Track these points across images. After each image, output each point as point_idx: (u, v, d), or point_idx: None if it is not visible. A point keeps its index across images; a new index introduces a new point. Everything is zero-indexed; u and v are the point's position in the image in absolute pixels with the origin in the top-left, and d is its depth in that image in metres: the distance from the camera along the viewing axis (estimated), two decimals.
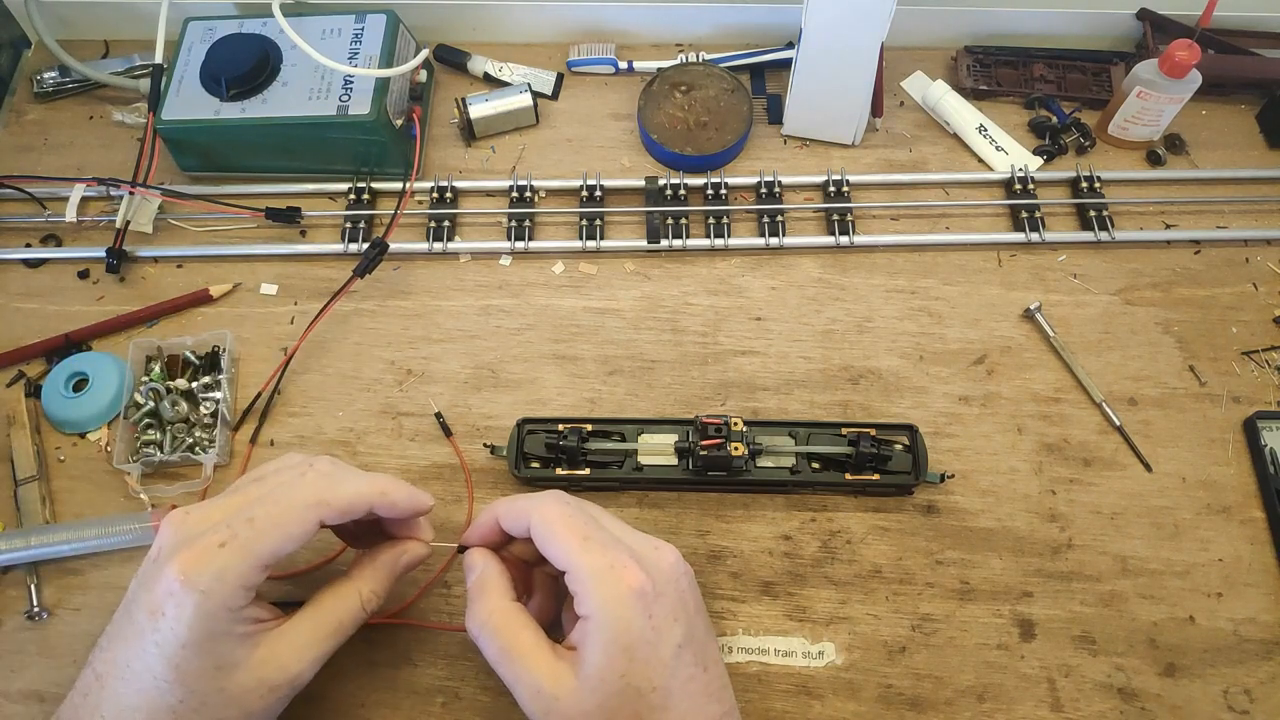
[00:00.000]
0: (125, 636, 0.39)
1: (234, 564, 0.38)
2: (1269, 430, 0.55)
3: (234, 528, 0.39)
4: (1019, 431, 0.56)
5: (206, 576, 0.37)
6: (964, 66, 0.69)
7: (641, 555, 0.40)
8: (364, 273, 0.58)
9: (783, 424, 0.54)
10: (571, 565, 0.39)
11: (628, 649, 0.38)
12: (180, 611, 0.37)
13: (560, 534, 0.40)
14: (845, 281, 0.61)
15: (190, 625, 0.37)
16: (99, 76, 0.68)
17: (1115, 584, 0.51)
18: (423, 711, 0.48)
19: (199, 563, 0.38)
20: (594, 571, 0.38)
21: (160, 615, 0.37)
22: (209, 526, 0.39)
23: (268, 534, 0.39)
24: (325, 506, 0.40)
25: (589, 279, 0.62)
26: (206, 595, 0.37)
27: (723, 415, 0.51)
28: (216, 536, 0.38)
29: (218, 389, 0.56)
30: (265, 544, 0.39)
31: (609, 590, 0.38)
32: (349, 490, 0.41)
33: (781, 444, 0.52)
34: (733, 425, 0.50)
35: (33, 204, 0.65)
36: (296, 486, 0.41)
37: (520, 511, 0.41)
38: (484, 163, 0.67)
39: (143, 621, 0.38)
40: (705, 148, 0.65)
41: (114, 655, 0.39)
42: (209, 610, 0.37)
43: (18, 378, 0.59)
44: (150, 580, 0.39)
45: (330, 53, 0.60)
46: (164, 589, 0.37)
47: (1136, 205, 0.64)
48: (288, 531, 0.39)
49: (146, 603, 0.38)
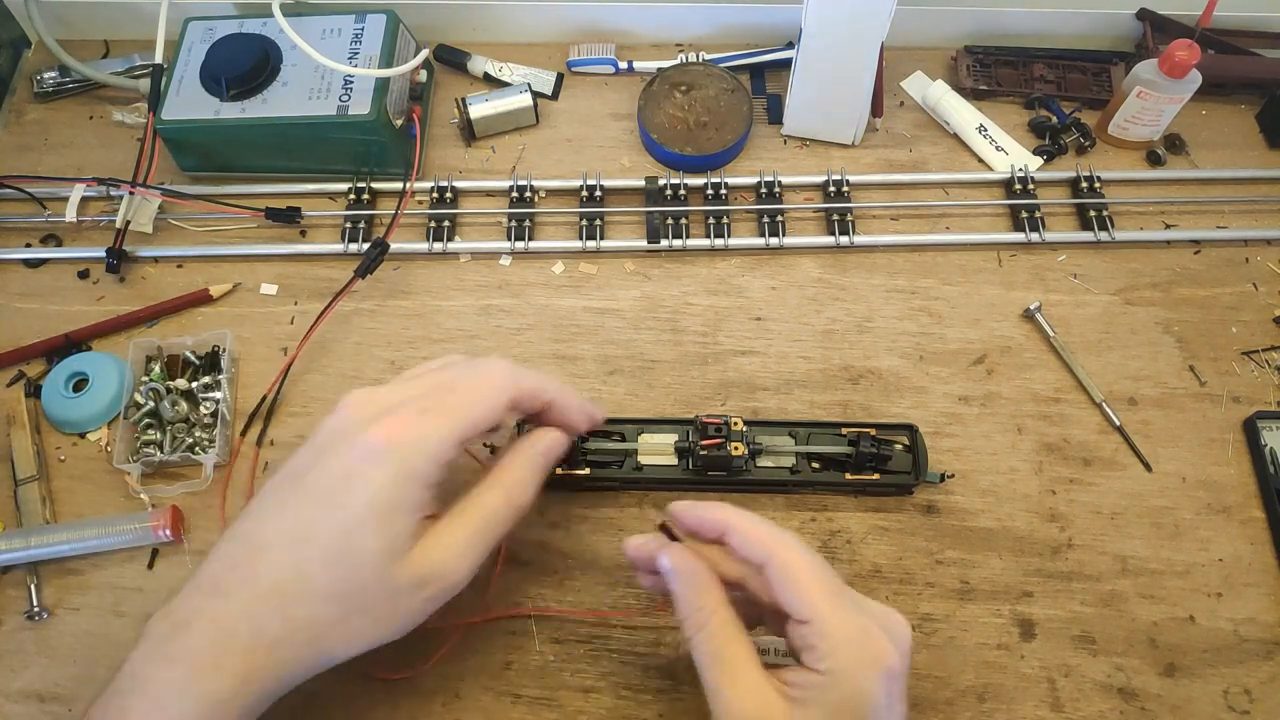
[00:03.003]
0: (299, 505, 0.38)
1: (436, 431, 0.38)
2: (1269, 430, 0.55)
3: (434, 398, 0.39)
4: (1019, 431, 0.56)
5: (412, 439, 0.37)
6: (964, 66, 0.69)
7: (888, 629, 0.38)
8: (365, 273, 0.58)
9: (783, 424, 0.54)
10: (818, 620, 0.37)
11: (859, 718, 0.37)
12: (380, 473, 0.37)
13: (807, 584, 0.38)
14: (845, 281, 0.61)
15: (387, 489, 0.37)
16: (99, 76, 0.68)
17: (1115, 584, 0.51)
18: (423, 711, 0.48)
19: (404, 427, 0.37)
20: (846, 636, 0.37)
21: (354, 479, 0.37)
22: (403, 399, 0.39)
23: (467, 405, 0.39)
24: (516, 386, 0.40)
25: (589, 279, 0.62)
26: (408, 459, 0.37)
27: (723, 415, 0.51)
28: (417, 405, 0.38)
29: (218, 389, 0.56)
30: (466, 414, 0.39)
31: (861, 660, 0.37)
32: (536, 378, 0.42)
33: (781, 444, 0.52)
34: (733, 425, 0.50)
35: (33, 204, 0.65)
36: (486, 365, 0.41)
37: (757, 541, 0.39)
38: (484, 163, 0.67)
39: (329, 487, 0.37)
40: (705, 148, 0.65)
41: (281, 525, 0.38)
42: (407, 474, 0.37)
43: (18, 378, 0.59)
44: (339, 447, 0.38)
45: (330, 53, 0.60)
46: (363, 451, 0.37)
47: (1136, 205, 0.64)
48: (487, 404, 0.39)
49: (338, 469, 0.38)
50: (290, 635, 0.37)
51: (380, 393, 0.40)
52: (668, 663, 0.49)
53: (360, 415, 0.39)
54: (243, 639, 0.37)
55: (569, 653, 0.50)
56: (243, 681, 0.37)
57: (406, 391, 0.40)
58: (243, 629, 0.37)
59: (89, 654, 0.50)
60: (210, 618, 0.37)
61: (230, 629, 0.37)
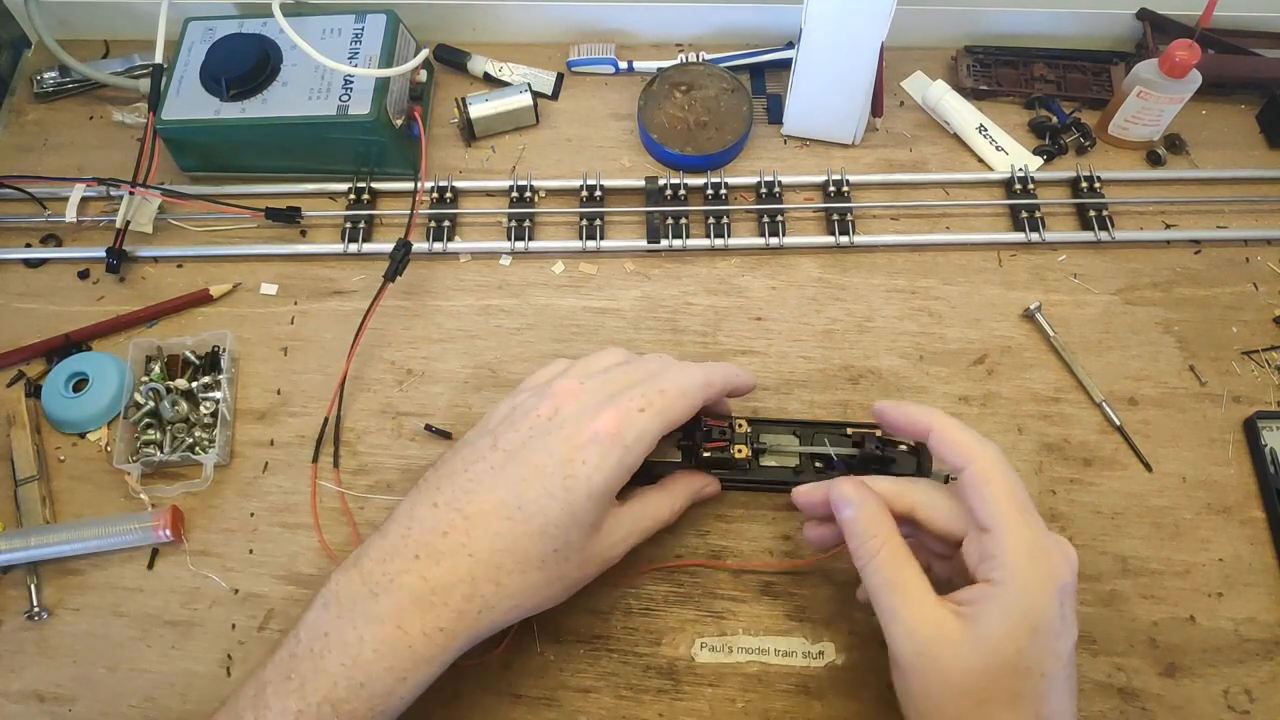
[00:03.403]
0: (520, 479, 0.41)
1: (651, 427, 0.42)
2: (1269, 430, 0.55)
3: (648, 396, 0.42)
4: (1019, 431, 0.56)
5: (633, 433, 0.41)
6: (964, 66, 0.69)
7: (1062, 549, 0.40)
8: (394, 275, 0.58)
9: (787, 423, 0.53)
10: (1004, 530, 0.39)
11: (1034, 630, 0.38)
12: (604, 460, 0.40)
13: (1001, 494, 0.40)
14: (845, 281, 0.61)
15: (607, 475, 0.40)
16: (99, 76, 0.68)
17: (1115, 584, 0.51)
18: (423, 711, 0.48)
19: (627, 420, 0.41)
20: (1026, 548, 0.38)
21: (579, 463, 0.40)
22: (619, 390, 0.43)
23: (675, 404, 0.43)
24: (710, 386, 0.45)
25: (589, 279, 0.62)
26: (628, 450, 0.41)
27: (726, 417, 0.51)
28: (635, 402, 0.42)
29: (218, 389, 0.56)
30: (673, 412, 0.43)
31: (1038, 571, 0.38)
32: (721, 371, 0.47)
33: (786, 443, 0.52)
34: (737, 427, 0.50)
35: (33, 204, 0.65)
36: (683, 368, 0.45)
37: (958, 445, 0.42)
38: (484, 163, 0.67)
39: (553, 468, 0.40)
40: (705, 148, 0.65)
41: (497, 496, 0.41)
42: (627, 464, 0.41)
43: (18, 378, 0.59)
44: (561, 432, 0.41)
45: (330, 53, 0.60)
46: (589, 437, 0.41)
47: (1136, 205, 0.64)
48: (689, 403, 0.43)
49: (561, 451, 0.41)
50: (500, 601, 0.40)
51: (592, 384, 0.44)
52: (668, 662, 0.49)
53: (591, 401, 0.42)
54: (455, 603, 0.39)
55: (569, 653, 0.50)
56: (448, 639, 0.40)
57: (620, 381, 0.44)
58: (456, 593, 0.39)
59: (89, 654, 0.50)
60: (421, 578, 0.39)
61: (443, 592, 0.39)
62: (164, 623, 0.51)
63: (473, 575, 0.40)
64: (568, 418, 0.42)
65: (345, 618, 0.39)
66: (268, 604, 0.51)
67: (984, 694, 0.37)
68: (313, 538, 0.53)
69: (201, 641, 0.50)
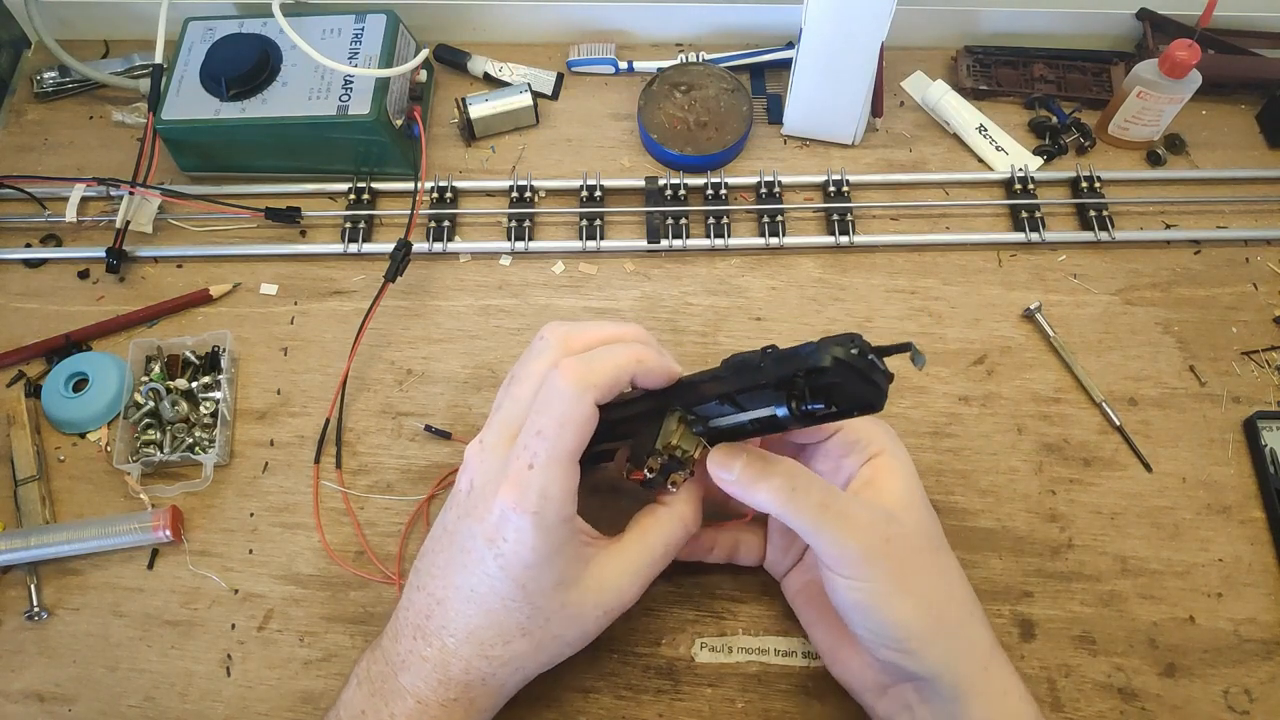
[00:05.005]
0: (462, 565, 0.40)
1: (550, 478, 0.39)
2: (1269, 430, 0.55)
3: (531, 447, 0.39)
4: (1019, 431, 0.56)
5: (534, 497, 0.39)
6: (964, 66, 0.69)
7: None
8: (394, 276, 0.58)
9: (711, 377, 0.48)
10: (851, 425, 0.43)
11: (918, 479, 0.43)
12: (520, 534, 0.39)
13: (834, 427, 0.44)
14: (845, 281, 0.61)
15: (533, 546, 0.39)
16: (99, 76, 0.68)
17: (1115, 584, 0.51)
18: None
19: (522, 487, 0.39)
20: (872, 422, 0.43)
21: (500, 541, 0.39)
22: (507, 454, 0.40)
23: (560, 438, 0.39)
24: (593, 389, 0.40)
25: (589, 279, 0.62)
26: (540, 514, 0.39)
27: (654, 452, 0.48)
28: (521, 461, 0.39)
29: (218, 389, 0.56)
30: (563, 448, 0.39)
31: (888, 431, 0.44)
32: (608, 368, 0.41)
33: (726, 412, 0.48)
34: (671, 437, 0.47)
35: (33, 204, 0.65)
36: (555, 383, 0.40)
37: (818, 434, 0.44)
38: (484, 163, 0.67)
39: (480, 549, 0.40)
40: (705, 148, 0.65)
41: (453, 581, 0.41)
42: (547, 525, 0.39)
43: (18, 378, 0.59)
44: (476, 511, 0.40)
45: (330, 53, 0.60)
46: (497, 517, 0.39)
47: (1136, 205, 0.64)
48: (575, 427, 0.40)
49: (481, 532, 0.40)
50: (496, 670, 0.41)
51: (486, 444, 0.41)
52: (667, 663, 0.49)
53: (485, 475, 0.41)
54: (456, 676, 0.41)
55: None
56: (466, 707, 0.41)
57: (504, 441, 0.41)
58: (454, 668, 0.40)
59: (89, 654, 0.50)
60: (422, 658, 0.41)
61: (443, 668, 0.41)
62: (164, 623, 0.51)
63: (460, 653, 0.40)
64: (478, 491, 0.41)
65: (377, 695, 0.41)
66: (267, 604, 0.51)
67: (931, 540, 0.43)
68: (312, 538, 0.53)
69: (201, 641, 0.50)
